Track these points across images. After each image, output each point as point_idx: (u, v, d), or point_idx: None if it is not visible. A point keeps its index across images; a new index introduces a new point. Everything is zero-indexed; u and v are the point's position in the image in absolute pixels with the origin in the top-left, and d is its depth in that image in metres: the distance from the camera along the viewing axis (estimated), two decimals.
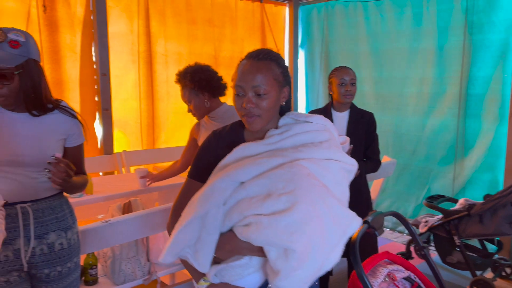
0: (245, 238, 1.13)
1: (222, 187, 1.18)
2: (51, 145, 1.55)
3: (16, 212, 1.50)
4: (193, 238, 1.18)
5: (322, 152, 1.23)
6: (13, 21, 3.17)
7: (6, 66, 1.40)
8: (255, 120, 1.25)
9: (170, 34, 4.07)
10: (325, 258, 1.11)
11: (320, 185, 1.15)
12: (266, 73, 1.23)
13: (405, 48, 4.08)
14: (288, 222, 1.07)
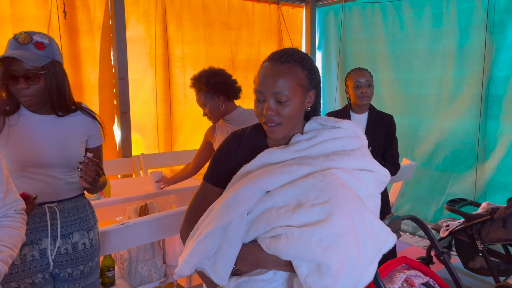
0: (272, 251, 1.04)
1: (247, 195, 1.08)
2: (75, 146, 1.59)
3: (44, 211, 1.53)
4: (213, 249, 1.09)
5: (355, 162, 1.13)
6: (34, 26, 3.24)
7: (33, 65, 1.44)
8: (276, 129, 1.16)
9: (187, 38, 4.10)
10: (359, 276, 1.01)
11: (356, 196, 1.07)
12: (289, 78, 1.12)
13: (424, 49, 4.01)
14: (323, 235, 0.98)
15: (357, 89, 2.45)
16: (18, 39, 1.45)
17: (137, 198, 2.73)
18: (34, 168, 1.51)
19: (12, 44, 1.45)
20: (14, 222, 1.14)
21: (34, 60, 1.43)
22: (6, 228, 1.12)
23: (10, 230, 1.12)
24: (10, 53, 1.41)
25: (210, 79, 2.30)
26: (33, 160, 1.51)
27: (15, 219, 1.15)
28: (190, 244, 1.12)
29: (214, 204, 1.14)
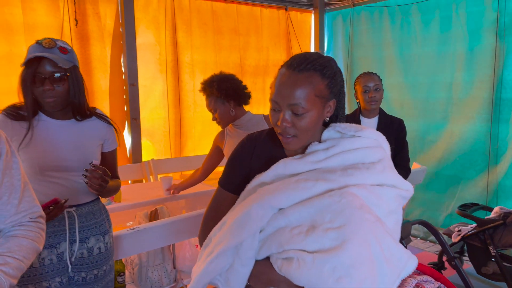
0: (284, 273, 1.00)
1: (260, 214, 1.03)
2: (92, 150, 1.62)
3: (63, 216, 1.56)
4: (225, 267, 1.05)
5: (375, 177, 1.06)
6: (47, 34, 3.28)
7: (62, 66, 1.47)
8: (291, 141, 1.09)
9: (196, 44, 4.13)
10: None
11: (374, 220, 0.99)
12: (306, 88, 1.04)
13: (433, 52, 3.99)
14: (335, 264, 0.92)
15: (365, 93, 2.46)
16: (43, 44, 1.48)
17: (147, 203, 2.75)
18: (53, 172, 1.54)
19: (36, 48, 1.47)
20: (27, 231, 1.07)
21: (62, 62, 1.47)
22: (17, 238, 1.05)
23: (21, 240, 1.05)
24: (39, 54, 1.44)
25: (222, 84, 2.31)
26: (52, 164, 1.54)
27: (29, 228, 1.08)
28: (202, 261, 1.09)
29: (226, 217, 1.11)
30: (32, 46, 1.50)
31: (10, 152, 1.06)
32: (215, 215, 1.19)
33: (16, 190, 1.05)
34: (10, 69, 3.16)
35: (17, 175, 1.06)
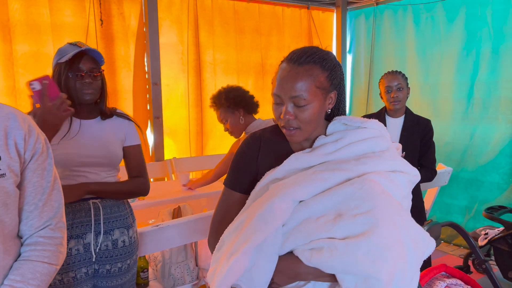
0: (314, 264, 0.99)
1: (282, 208, 1.02)
2: (115, 147, 1.68)
3: (89, 207, 1.60)
4: (249, 265, 1.03)
5: (388, 163, 1.08)
6: (73, 34, 3.36)
7: (100, 63, 1.62)
8: (295, 133, 1.11)
9: (218, 44, 4.14)
10: (406, 286, 0.97)
11: (397, 204, 1.02)
12: (307, 81, 1.06)
13: (456, 51, 3.90)
14: (369, 247, 0.94)
15: (388, 93, 2.43)
16: (78, 44, 1.59)
17: (170, 201, 2.77)
18: (79, 167, 1.59)
19: (71, 47, 1.58)
20: (43, 252, 1.02)
21: (99, 59, 1.62)
22: (32, 263, 1.00)
23: (36, 265, 1.00)
24: (85, 48, 1.57)
25: (229, 94, 2.42)
26: (80, 160, 1.59)
27: (46, 246, 1.03)
28: (222, 261, 1.06)
29: (243, 216, 1.09)
30: (66, 46, 1.60)
31: (47, 153, 1.06)
32: (224, 217, 1.18)
33: (44, 192, 1.04)
34: (38, 68, 3.23)
35: (48, 176, 1.05)
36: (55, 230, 1.06)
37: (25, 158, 1.01)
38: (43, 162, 1.04)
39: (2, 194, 0.94)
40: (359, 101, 4.93)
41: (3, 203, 0.95)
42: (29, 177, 1.02)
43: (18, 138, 0.99)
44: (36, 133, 1.04)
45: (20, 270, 0.98)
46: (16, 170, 0.98)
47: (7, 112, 1.00)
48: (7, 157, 0.96)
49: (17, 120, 1.00)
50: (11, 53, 3.14)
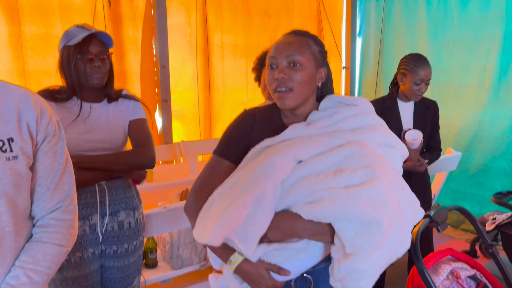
0: (314, 215, 1.00)
1: (284, 164, 1.05)
2: (120, 131, 1.68)
3: (94, 188, 1.61)
4: (244, 218, 1.02)
5: (382, 136, 1.14)
6: (81, 16, 3.35)
7: (108, 46, 1.61)
8: (287, 95, 1.13)
9: (226, 26, 4.11)
10: (401, 241, 1.02)
11: (391, 167, 1.09)
12: (303, 45, 1.14)
13: (468, 35, 3.82)
14: (371, 194, 0.98)
15: (416, 85, 2.28)
16: (85, 27, 1.59)
17: (178, 183, 2.80)
18: (87, 152, 1.60)
19: (79, 30, 1.58)
20: (54, 234, 1.03)
21: (108, 42, 1.61)
22: (43, 245, 1.01)
23: (47, 247, 1.02)
24: (94, 32, 1.56)
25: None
26: (88, 145, 1.60)
27: (56, 228, 1.04)
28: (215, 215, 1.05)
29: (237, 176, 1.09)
30: (74, 29, 1.59)
31: (59, 136, 1.06)
32: (207, 183, 1.17)
33: (55, 174, 1.04)
34: (47, 50, 3.24)
35: (60, 159, 1.05)
36: (66, 213, 1.06)
37: (38, 140, 1.01)
38: (55, 144, 1.04)
39: (15, 176, 0.95)
40: (368, 85, 4.88)
41: (16, 185, 0.95)
42: (41, 159, 1.02)
43: (31, 120, 0.99)
44: (48, 115, 1.03)
45: (31, 251, 0.99)
46: (28, 152, 0.98)
47: (20, 94, 1.00)
48: (20, 139, 0.97)
49: (29, 102, 1.00)
50: (20, 35, 3.15)
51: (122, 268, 1.69)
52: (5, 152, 0.93)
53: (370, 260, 0.96)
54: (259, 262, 1.06)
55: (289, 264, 1.07)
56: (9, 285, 0.94)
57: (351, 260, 0.96)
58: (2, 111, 0.96)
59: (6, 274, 0.95)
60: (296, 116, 1.20)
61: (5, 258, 0.95)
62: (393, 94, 2.42)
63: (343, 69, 4.94)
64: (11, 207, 0.95)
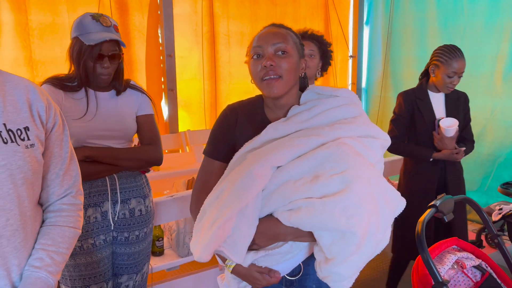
0: (293, 223, 1.05)
1: (261, 173, 1.07)
2: (130, 120, 1.70)
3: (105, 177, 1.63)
4: (232, 230, 1.07)
5: (360, 129, 1.15)
6: (86, 4, 3.34)
7: (121, 44, 1.60)
8: (276, 83, 1.14)
9: (232, 14, 4.08)
10: (378, 241, 1.06)
11: (369, 163, 1.09)
12: (287, 35, 1.17)
13: (480, 23, 3.77)
14: (345, 204, 1.01)
15: (449, 78, 2.24)
16: (101, 22, 1.55)
17: (185, 172, 2.82)
18: (96, 140, 1.61)
19: (95, 25, 1.54)
20: (68, 217, 1.09)
21: (121, 41, 1.59)
22: (60, 228, 1.06)
23: (64, 230, 1.07)
24: (108, 35, 1.53)
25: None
26: (97, 134, 1.61)
27: (70, 213, 1.09)
28: (205, 229, 1.09)
29: (223, 185, 1.13)
30: (89, 21, 1.55)
31: (63, 125, 1.09)
32: (204, 186, 1.21)
33: (63, 162, 1.08)
34: (54, 39, 3.24)
35: (66, 147, 1.09)
36: (76, 198, 1.12)
37: (47, 129, 1.05)
38: (61, 133, 1.08)
39: (34, 163, 0.99)
40: (376, 73, 4.84)
41: (34, 172, 0.99)
42: (51, 147, 1.06)
43: (41, 110, 1.03)
44: (54, 106, 1.08)
45: (50, 234, 1.04)
46: (42, 140, 1.03)
47: (26, 84, 1.03)
48: (34, 128, 1.00)
49: (36, 92, 1.03)
50: (26, 24, 3.15)
51: (133, 255, 1.72)
52: (24, 141, 0.97)
53: (346, 265, 1.02)
54: (251, 265, 1.14)
55: (278, 266, 1.15)
56: (34, 266, 0.98)
57: (330, 265, 1.03)
58: (13, 100, 0.99)
59: (29, 257, 1.00)
60: (279, 107, 1.21)
61: (27, 242, 0.99)
62: (423, 85, 2.39)
63: (350, 58, 4.91)
64: (31, 192, 1.00)
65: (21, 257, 0.97)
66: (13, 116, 0.97)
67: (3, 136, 0.94)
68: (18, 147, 0.96)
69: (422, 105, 2.33)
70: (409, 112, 2.37)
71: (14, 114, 0.97)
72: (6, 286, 0.95)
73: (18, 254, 0.96)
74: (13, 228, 0.95)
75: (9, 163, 0.93)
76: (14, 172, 0.94)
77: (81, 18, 1.58)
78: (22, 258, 0.98)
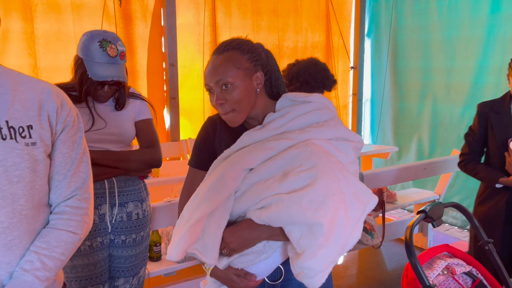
0: (263, 220, 1.09)
1: (233, 176, 1.12)
2: (129, 125, 1.75)
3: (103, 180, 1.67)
4: (202, 231, 1.11)
5: (330, 131, 1.19)
6: (92, 14, 3.42)
7: (123, 81, 1.64)
8: (231, 117, 1.20)
9: (235, 25, 4.15)
10: (348, 235, 1.08)
11: (338, 161, 1.13)
12: (227, 65, 1.17)
13: (482, 34, 3.82)
14: (312, 197, 1.04)
15: None
16: (108, 52, 1.58)
17: (183, 179, 2.84)
18: (95, 143, 1.65)
19: (101, 55, 1.57)
20: (68, 221, 1.07)
21: (124, 76, 1.63)
22: (57, 232, 1.04)
23: (62, 234, 1.04)
24: (110, 74, 1.58)
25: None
26: (95, 137, 1.65)
27: (72, 216, 1.08)
28: (179, 229, 1.12)
29: (198, 189, 1.17)
30: (97, 49, 1.58)
31: (78, 127, 1.11)
32: (189, 195, 1.22)
33: (73, 163, 1.08)
34: (58, 47, 3.32)
35: (77, 149, 1.10)
36: (81, 201, 1.10)
37: (57, 130, 1.06)
38: (73, 134, 1.09)
39: (32, 161, 1.00)
40: (380, 84, 4.87)
41: (33, 169, 1.00)
42: (60, 148, 1.07)
43: (51, 111, 1.04)
44: (68, 107, 1.09)
45: (46, 237, 1.03)
46: (47, 140, 1.03)
47: (43, 86, 1.07)
48: (39, 127, 1.02)
49: (51, 94, 1.06)
50: (32, 32, 3.23)
51: (130, 258, 1.74)
52: (24, 138, 0.99)
53: (316, 258, 1.03)
54: (227, 268, 1.17)
55: (254, 267, 1.17)
56: (23, 269, 0.97)
57: (301, 260, 1.05)
58: (24, 99, 1.02)
59: (22, 256, 0.99)
60: (252, 119, 1.25)
61: (21, 241, 0.99)
62: (506, 96, 2.12)
63: (351, 69, 4.95)
64: (29, 191, 1.00)
65: (11, 256, 0.97)
66: (18, 114, 1.00)
67: (3, 133, 0.96)
68: (17, 144, 0.97)
69: (497, 119, 2.07)
70: (482, 127, 2.14)
71: (21, 112, 1.00)
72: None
73: (8, 253, 0.97)
74: (3, 226, 0.95)
75: (4, 159, 0.95)
76: (9, 169, 0.96)
77: (88, 42, 1.59)
78: (13, 257, 0.97)
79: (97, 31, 1.62)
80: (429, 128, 4.31)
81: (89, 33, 1.61)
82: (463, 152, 2.20)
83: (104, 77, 1.56)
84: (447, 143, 4.04)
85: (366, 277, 3.23)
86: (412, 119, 4.52)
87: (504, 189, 2.04)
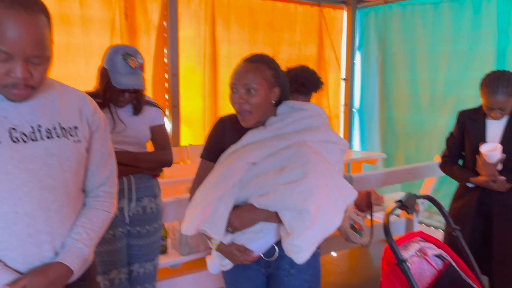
0: (262, 205, 1.32)
1: (239, 167, 1.36)
2: (145, 129, 1.97)
3: (122, 178, 1.88)
4: (212, 212, 1.34)
5: (322, 135, 1.43)
6: (100, 28, 3.66)
7: (142, 89, 1.86)
8: (246, 117, 1.42)
9: (233, 38, 4.41)
10: (330, 221, 1.33)
11: (325, 160, 1.38)
12: (256, 73, 1.40)
13: (463, 50, 4.07)
14: (302, 189, 1.29)
15: (488, 110, 2.17)
16: (130, 64, 1.80)
17: (187, 180, 3.06)
18: (118, 145, 1.86)
19: (123, 67, 1.80)
20: (104, 202, 1.32)
21: (142, 85, 1.85)
22: (96, 210, 1.29)
23: (100, 212, 1.29)
24: (131, 83, 1.80)
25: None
26: (119, 139, 1.88)
27: (105, 199, 1.33)
28: (194, 208, 1.37)
29: (208, 177, 1.41)
30: (119, 61, 1.79)
31: (104, 129, 1.35)
32: (200, 182, 1.45)
33: (103, 157, 1.33)
34: (68, 58, 3.54)
35: (106, 146, 1.35)
36: (111, 187, 1.37)
37: (92, 130, 1.31)
38: (102, 133, 1.34)
39: (78, 155, 1.25)
40: (369, 95, 5.12)
41: (79, 162, 1.25)
42: (94, 144, 1.32)
43: (88, 114, 1.30)
44: (99, 112, 1.34)
45: (88, 215, 1.28)
46: (87, 138, 1.29)
47: (79, 94, 1.31)
48: (82, 128, 1.27)
49: (86, 101, 1.31)
50: None
51: (144, 246, 1.97)
52: (73, 136, 1.24)
53: (303, 238, 1.28)
54: (231, 244, 1.41)
55: (253, 243, 1.40)
56: (74, 239, 1.22)
57: (290, 238, 1.29)
58: (68, 105, 1.26)
59: (69, 230, 1.23)
60: (258, 122, 1.48)
61: (71, 218, 1.24)
62: (481, 110, 2.28)
63: (342, 81, 5.22)
64: (75, 178, 1.25)
65: (64, 229, 1.21)
66: (66, 117, 1.24)
67: (57, 132, 1.21)
68: (68, 141, 1.22)
69: (473, 126, 2.25)
70: (461, 132, 2.33)
71: (67, 116, 1.24)
72: (50, 250, 1.18)
73: (62, 226, 1.21)
74: (59, 204, 1.19)
75: (59, 153, 1.19)
76: (63, 160, 1.20)
77: (113, 55, 1.81)
78: (64, 230, 1.22)
79: (120, 46, 1.86)
80: (415, 137, 4.58)
81: (114, 47, 1.85)
82: (444, 154, 2.44)
83: (126, 86, 1.79)
84: (432, 150, 4.25)
85: (355, 274, 3.45)
86: (399, 128, 4.79)
87: (475, 189, 2.26)
